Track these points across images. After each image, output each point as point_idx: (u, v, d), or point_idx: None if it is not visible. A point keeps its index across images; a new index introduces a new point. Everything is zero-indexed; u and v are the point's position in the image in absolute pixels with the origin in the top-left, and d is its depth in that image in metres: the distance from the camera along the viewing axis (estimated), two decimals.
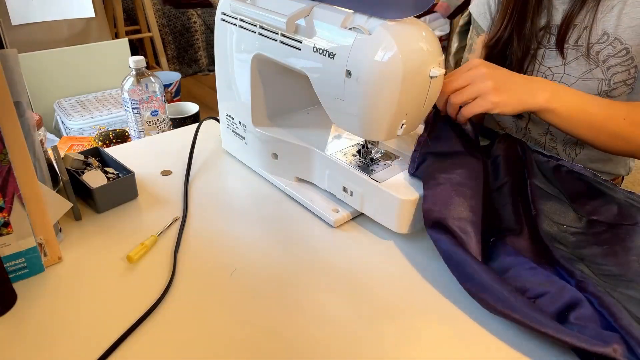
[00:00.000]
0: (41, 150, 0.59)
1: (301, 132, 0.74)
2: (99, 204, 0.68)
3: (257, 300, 0.55)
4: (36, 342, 0.49)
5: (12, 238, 0.53)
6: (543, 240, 0.59)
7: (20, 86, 0.53)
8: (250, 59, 0.69)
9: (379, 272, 0.59)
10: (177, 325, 0.51)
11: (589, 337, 0.45)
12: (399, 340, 0.51)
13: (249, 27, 0.68)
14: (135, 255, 0.59)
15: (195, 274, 0.58)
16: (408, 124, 0.60)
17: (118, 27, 2.60)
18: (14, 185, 0.50)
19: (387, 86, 0.54)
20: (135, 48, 2.98)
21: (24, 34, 1.84)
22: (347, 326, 0.52)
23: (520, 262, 0.54)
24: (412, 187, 0.62)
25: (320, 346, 0.50)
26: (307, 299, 0.55)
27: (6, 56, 0.51)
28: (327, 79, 0.59)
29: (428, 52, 0.55)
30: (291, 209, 0.71)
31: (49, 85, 1.78)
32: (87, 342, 0.49)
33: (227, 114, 0.80)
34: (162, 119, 1.13)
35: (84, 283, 0.56)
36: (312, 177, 0.72)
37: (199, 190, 0.75)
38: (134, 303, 0.54)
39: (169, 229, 0.66)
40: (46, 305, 0.53)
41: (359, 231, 0.67)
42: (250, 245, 0.63)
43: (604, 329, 0.47)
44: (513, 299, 0.49)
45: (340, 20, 0.57)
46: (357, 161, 0.68)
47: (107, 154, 0.75)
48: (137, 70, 1.08)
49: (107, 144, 1.27)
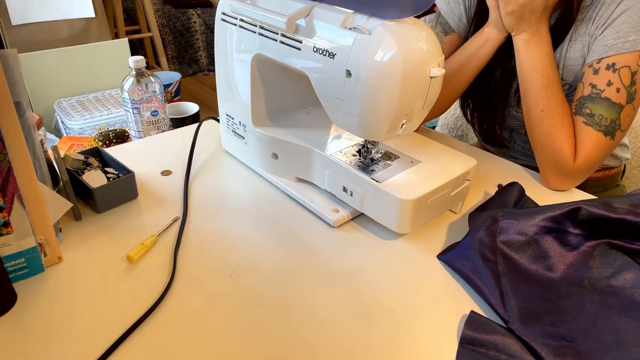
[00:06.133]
0: (41, 150, 0.59)
1: (301, 132, 0.74)
2: (99, 204, 0.68)
3: (257, 300, 0.55)
4: (36, 342, 0.49)
5: (12, 238, 0.53)
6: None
7: (20, 86, 0.53)
8: (250, 59, 0.69)
9: (379, 272, 0.59)
10: (177, 325, 0.51)
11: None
12: (399, 340, 0.50)
13: (249, 27, 0.68)
14: (135, 255, 0.59)
15: (195, 274, 0.58)
16: (408, 124, 0.60)
17: (118, 27, 2.60)
18: (14, 185, 0.50)
19: (387, 86, 0.54)
20: (135, 48, 2.98)
21: (24, 34, 1.84)
22: (347, 326, 0.52)
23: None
24: (412, 187, 0.62)
25: (319, 346, 0.50)
26: (307, 299, 0.55)
27: (6, 56, 0.51)
28: (327, 79, 0.59)
29: (428, 52, 0.55)
30: (291, 209, 0.71)
31: (49, 85, 1.78)
32: (87, 342, 0.49)
33: (227, 114, 0.80)
34: (162, 119, 1.13)
35: (84, 283, 0.56)
36: (312, 177, 0.72)
37: (199, 190, 0.75)
38: (134, 303, 0.54)
39: (169, 229, 0.66)
40: (46, 305, 0.53)
41: (359, 231, 0.67)
42: (250, 245, 0.63)
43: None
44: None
45: (340, 20, 0.57)
46: (357, 161, 0.68)
47: (107, 154, 0.75)
48: (137, 70, 1.08)
49: (107, 144, 1.27)
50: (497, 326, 0.51)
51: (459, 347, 0.49)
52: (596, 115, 0.72)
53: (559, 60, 0.80)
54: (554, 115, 0.74)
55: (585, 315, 0.53)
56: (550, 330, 0.51)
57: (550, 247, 0.59)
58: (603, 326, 0.51)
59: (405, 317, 0.53)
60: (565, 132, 0.74)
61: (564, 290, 0.56)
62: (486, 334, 0.50)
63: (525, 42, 0.75)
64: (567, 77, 0.80)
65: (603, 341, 0.49)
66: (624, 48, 0.70)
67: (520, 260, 0.58)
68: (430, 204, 0.63)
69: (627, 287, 0.55)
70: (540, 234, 0.60)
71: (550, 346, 0.48)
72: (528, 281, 0.56)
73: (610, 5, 0.73)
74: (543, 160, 0.77)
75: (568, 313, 0.53)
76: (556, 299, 0.55)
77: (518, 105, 0.88)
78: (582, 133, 0.73)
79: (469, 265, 0.58)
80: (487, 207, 0.68)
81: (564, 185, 0.77)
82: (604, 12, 0.73)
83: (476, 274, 0.56)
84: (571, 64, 0.79)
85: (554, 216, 0.60)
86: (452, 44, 0.90)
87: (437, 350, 0.49)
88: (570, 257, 0.59)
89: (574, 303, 0.54)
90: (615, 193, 0.97)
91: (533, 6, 0.72)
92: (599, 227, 0.59)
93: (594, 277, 0.57)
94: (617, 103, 0.71)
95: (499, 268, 0.57)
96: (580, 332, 0.51)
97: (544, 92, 0.74)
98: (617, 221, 0.58)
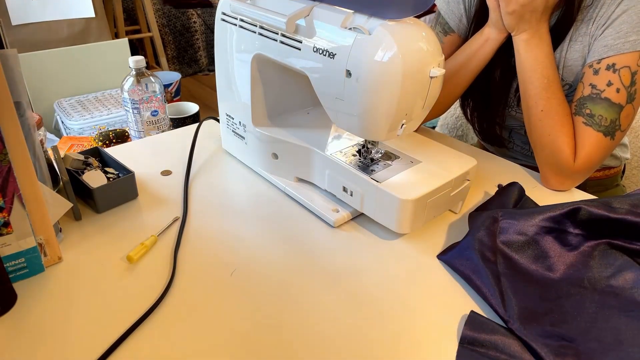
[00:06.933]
0: (41, 150, 0.59)
1: (301, 132, 0.74)
2: (99, 204, 0.68)
3: (257, 299, 0.55)
4: (36, 342, 0.49)
5: (12, 238, 0.53)
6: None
7: (20, 86, 0.53)
8: (250, 59, 0.69)
9: (379, 272, 0.59)
10: (177, 325, 0.51)
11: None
12: (399, 340, 0.50)
13: (249, 27, 0.68)
14: (135, 255, 0.59)
15: (195, 274, 0.58)
16: (408, 124, 0.60)
17: (118, 27, 2.60)
18: (14, 185, 0.50)
19: (387, 86, 0.54)
20: (135, 48, 2.98)
21: (24, 34, 1.83)
22: (346, 326, 0.52)
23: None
24: (412, 187, 0.62)
25: (319, 345, 0.50)
26: (306, 299, 0.55)
27: (6, 56, 0.51)
28: (327, 79, 0.59)
29: (428, 52, 0.55)
30: (291, 209, 0.71)
31: (49, 85, 1.78)
32: (87, 342, 0.49)
33: (227, 114, 0.80)
34: (162, 119, 1.13)
35: (84, 283, 0.56)
36: (312, 177, 0.72)
37: (199, 190, 0.75)
38: (134, 303, 0.54)
39: (169, 229, 0.66)
40: (46, 305, 0.53)
41: (359, 231, 0.67)
42: (250, 245, 0.63)
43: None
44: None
45: (340, 20, 0.57)
46: (357, 161, 0.68)
47: (107, 154, 0.75)
48: (137, 70, 1.08)
49: (107, 144, 1.27)
50: (497, 326, 0.51)
51: (459, 347, 0.49)
52: (596, 116, 0.72)
53: (559, 60, 0.80)
54: (553, 116, 0.74)
55: (585, 316, 0.53)
56: (550, 330, 0.51)
57: (550, 247, 0.59)
58: (603, 326, 0.51)
59: (405, 317, 0.53)
60: (565, 133, 0.74)
61: (564, 290, 0.56)
62: (486, 334, 0.50)
63: (526, 42, 0.75)
64: (567, 78, 0.80)
65: (603, 341, 0.49)
66: (624, 48, 0.70)
67: (520, 261, 0.58)
68: (430, 204, 0.63)
69: (627, 287, 0.55)
70: (540, 234, 0.60)
71: (550, 346, 0.48)
72: (528, 281, 0.56)
73: (611, 5, 0.73)
74: (543, 161, 0.77)
75: (568, 313, 0.53)
76: (556, 299, 0.55)
77: (518, 105, 0.88)
78: (582, 133, 0.73)
79: (469, 265, 0.58)
80: (487, 207, 0.68)
81: (563, 185, 0.77)
82: (604, 13, 0.73)
83: (476, 274, 0.56)
84: (571, 64, 0.79)
85: (554, 216, 0.60)
86: (452, 44, 0.90)
87: (437, 350, 0.49)
88: (570, 257, 0.59)
89: (574, 303, 0.54)
90: (615, 193, 0.97)
91: (533, 6, 0.72)
92: (599, 227, 0.59)
93: (594, 277, 0.57)
94: (617, 103, 0.71)
95: (499, 268, 0.57)
96: (580, 332, 0.51)
97: (544, 92, 0.74)
98: (617, 221, 0.58)
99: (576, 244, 0.60)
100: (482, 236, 0.59)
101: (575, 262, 0.58)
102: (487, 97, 0.91)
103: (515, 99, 0.88)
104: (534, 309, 0.53)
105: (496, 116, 0.92)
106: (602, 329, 0.51)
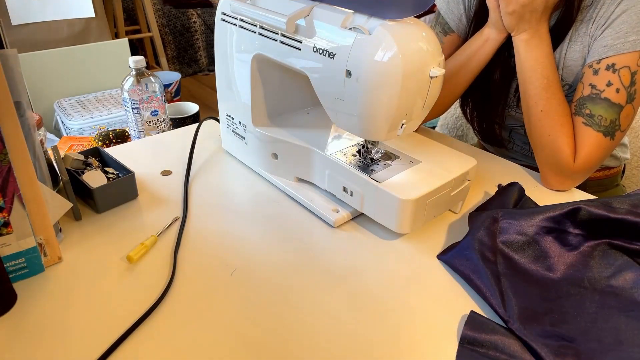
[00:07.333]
0: (41, 150, 0.59)
1: (301, 132, 0.74)
2: (99, 204, 0.68)
3: (257, 299, 0.55)
4: (36, 342, 0.49)
5: (12, 238, 0.53)
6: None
7: (20, 86, 0.53)
8: (250, 59, 0.69)
9: (379, 272, 0.59)
10: (177, 325, 0.51)
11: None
12: (399, 340, 0.51)
13: (249, 27, 0.68)
14: (135, 255, 0.59)
15: (195, 274, 0.58)
16: (408, 124, 0.60)
17: (118, 27, 2.60)
18: (14, 185, 0.50)
19: (387, 86, 0.54)
20: (135, 48, 2.98)
21: (24, 34, 1.83)
22: (346, 325, 0.52)
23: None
24: (412, 187, 0.62)
25: (319, 345, 0.50)
26: (306, 299, 0.55)
27: (6, 56, 0.51)
28: (327, 79, 0.59)
29: (428, 52, 0.55)
30: (291, 209, 0.71)
31: (49, 85, 1.78)
32: (87, 342, 0.49)
33: (227, 114, 0.80)
34: (162, 119, 1.13)
35: (84, 283, 0.56)
36: (312, 177, 0.72)
37: (199, 190, 0.75)
38: (134, 303, 0.54)
39: (169, 229, 0.66)
40: (46, 305, 0.53)
41: (359, 231, 0.67)
42: (250, 245, 0.63)
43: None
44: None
45: (340, 20, 0.57)
46: (357, 161, 0.68)
47: (107, 154, 0.75)
48: (137, 70, 1.08)
49: (107, 144, 1.27)
50: (497, 326, 0.51)
51: (459, 347, 0.49)
52: (596, 116, 0.72)
53: (558, 60, 0.80)
54: (553, 116, 0.74)
55: (585, 316, 0.53)
56: (550, 330, 0.51)
57: (550, 247, 0.59)
58: (603, 326, 0.51)
59: (405, 317, 0.53)
60: (565, 133, 0.74)
61: (564, 290, 0.56)
62: (486, 334, 0.50)
63: (526, 42, 0.75)
64: (567, 78, 0.80)
65: (603, 341, 0.49)
66: (624, 48, 0.70)
67: (520, 261, 0.58)
68: (430, 204, 0.63)
69: (627, 287, 0.55)
70: (540, 234, 0.60)
71: (550, 346, 0.48)
72: (528, 281, 0.56)
73: (610, 5, 0.73)
74: (543, 161, 0.77)
75: (568, 313, 0.53)
76: (556, 299, 0.55)
77: (517, 105, 0.88)
78: (581, 133, 0.73)
79: (469, 265, 0.58)
80: (487, 207, 0.68)
81: (563, 185, 0.77)
82: (603, 13, 0.73)
83: (476, 274, 0.56)
84: (571, 64, 0.79)
85: (554, 216, 0.60)
86: (452, 44, 0.90)
87: (437, 350, 0.49)
88: (570, 257, 0.59)
89: (574, 303, 0.54)
90: (615, 193, 0.97)
91: (533, 6, 0.72)
92: (599, 227, 0.59)
93: (594, 277, 0.57)
94: (616, 103, 0.71)
95: (499, 268, 0.57)
96: (580, 332, 0.51)
97: (543, 93, 0.74)
98: (617, 221, 0.58)
99: (576, 244, 0.60)
100: (482, 236, 0.59)
101: (575, 262, 0.58)
102: (486, 97, 0.91)
103: (515, 99, 0.88)
104: (534, 309, 0.53)
105: (496, 116, 0.92)
106: (602, 329, 0.51)
